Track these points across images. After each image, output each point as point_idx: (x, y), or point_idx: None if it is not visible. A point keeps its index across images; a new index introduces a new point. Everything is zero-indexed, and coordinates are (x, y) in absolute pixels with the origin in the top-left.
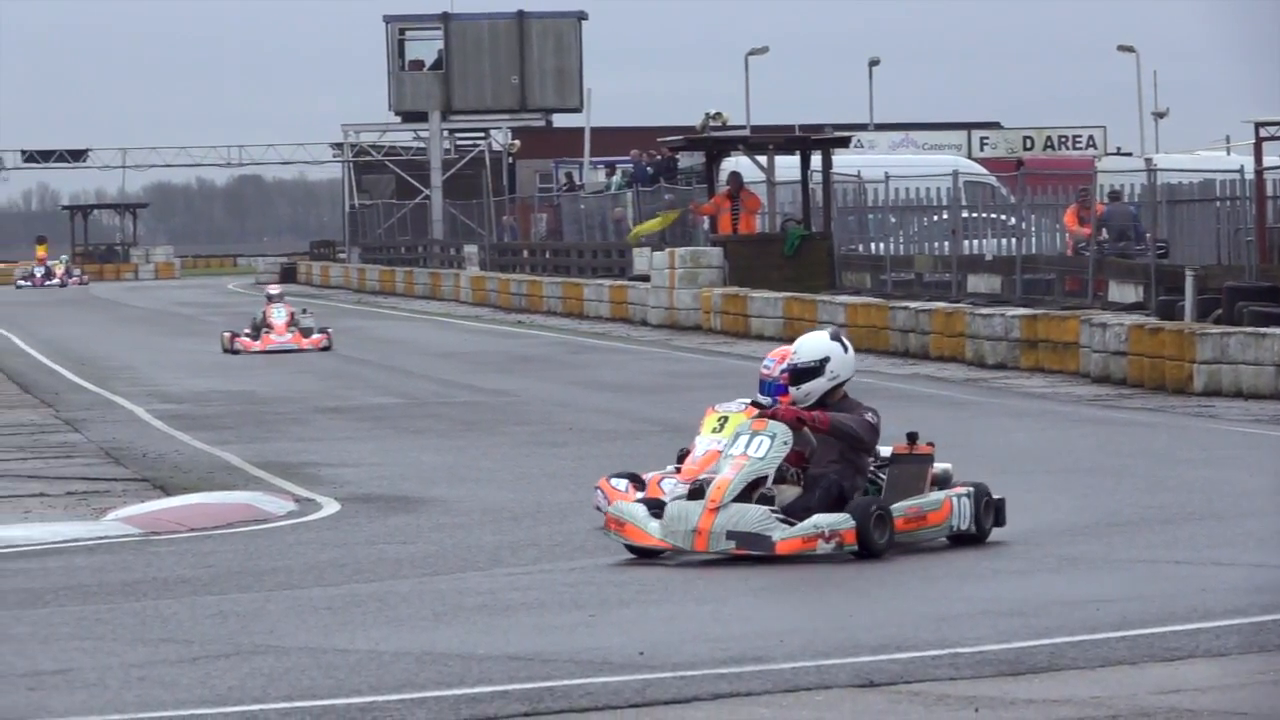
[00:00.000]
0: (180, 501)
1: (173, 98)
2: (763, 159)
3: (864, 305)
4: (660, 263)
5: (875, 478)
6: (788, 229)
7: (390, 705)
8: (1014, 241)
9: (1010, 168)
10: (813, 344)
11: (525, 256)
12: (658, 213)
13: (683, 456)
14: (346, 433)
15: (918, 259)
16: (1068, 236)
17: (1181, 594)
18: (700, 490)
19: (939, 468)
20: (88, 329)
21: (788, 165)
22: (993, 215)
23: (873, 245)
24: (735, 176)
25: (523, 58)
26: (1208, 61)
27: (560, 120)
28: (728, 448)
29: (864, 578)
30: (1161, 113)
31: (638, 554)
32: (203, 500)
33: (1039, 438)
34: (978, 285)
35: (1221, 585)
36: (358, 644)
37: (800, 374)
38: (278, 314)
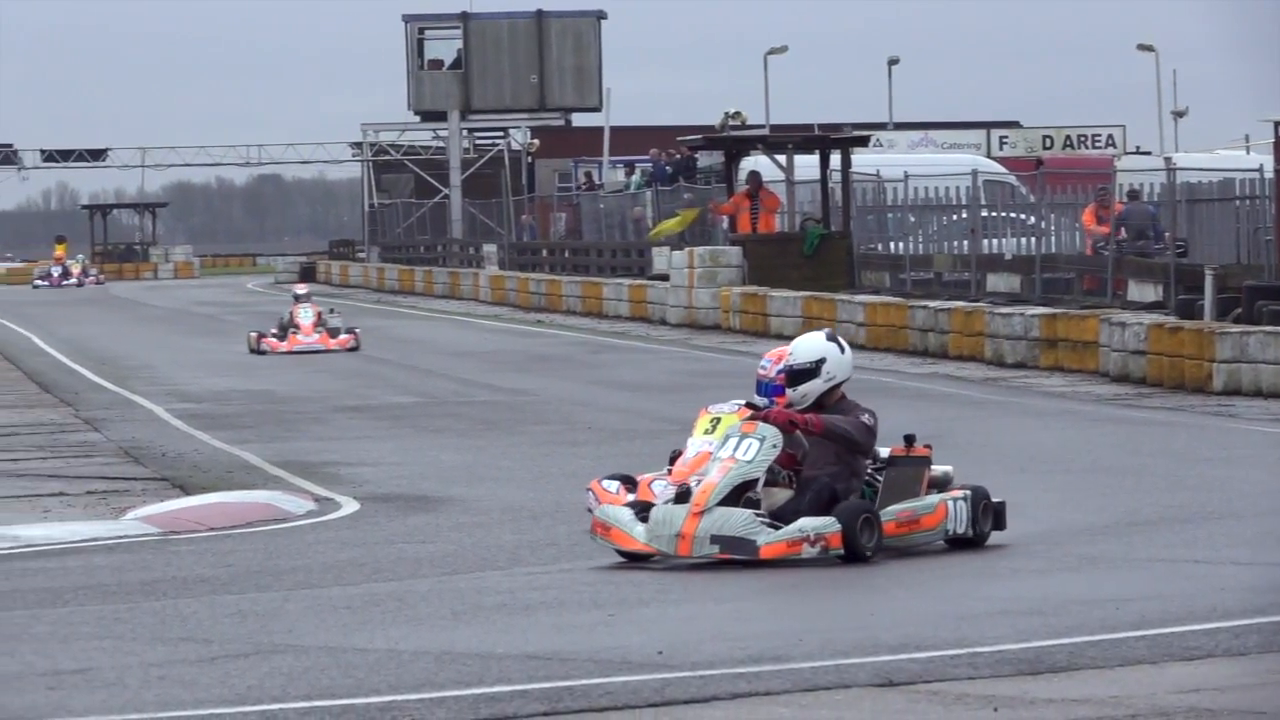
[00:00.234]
0: (199, 501)
1: (192, 97)
2: (782, 158)
3: (883, 304)
4: (679, 262)
5: (872, 480)
6: (807, 228)
7: (409, 704)
8: (1033, 241)
9: (1029, 167)
10: (808, 345)
11: (544, 256)
12: (676, 211)
13: (675, 458)
14: (365, 432)
15: (937, 258)
16: (1086, 236)
17: (1201, 593)
18: (687, 493)
19: (939, 470)
20: (107, 328)
21: (807, 164)
22: (1012, 214)
23: (892, 244)
24: (754, 176)
25: (542, 57)
26: (1225, 61)
27: (579, 119)
28: (717, 450)
29: (883, 577)
30: (1181, 112)
31: (627, 558)
32: (222, 499)
33: (1058, 437)
34: (997, 284)
35: (1241, 584)
36: (377, 643)
37: (796, 375)
38: (305, 314)
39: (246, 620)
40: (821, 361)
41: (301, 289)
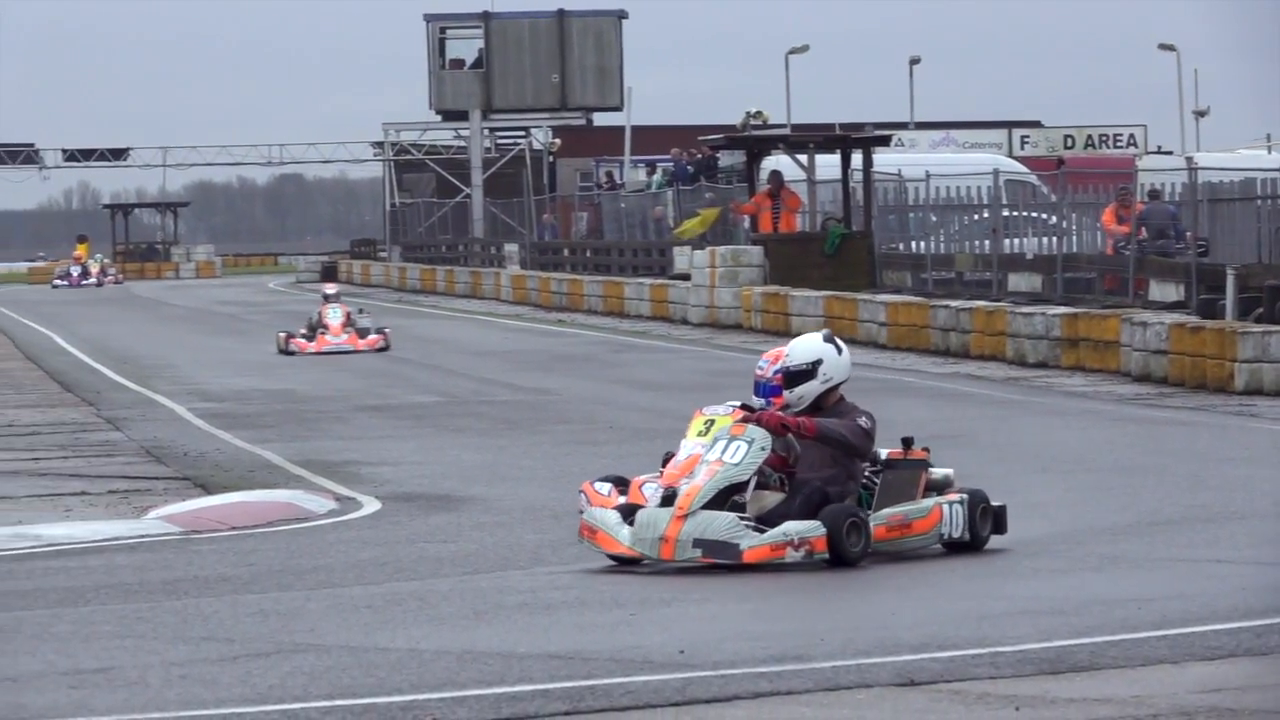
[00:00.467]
0: (221, 500)
1: (214, 97)
2: (803, 158)
3: (905, 304)
4: (701, 261)
5: (870, 483)
6: (828, 228)
7: (431, 704)
8: (1054, 240)
9: (1051, 166)
10: (805, 346)
11: (566, 255)
12: (697, 211)
13: (668, 459)
14: (387, 431)
15: (958, 257)
16: (1107, 236)
17: (1223, 593)
18: (673, 496)
19: (939, 473)
20: (129, 328)
21: (828, 164)
22: (1033, 214)
23: (913, 244)
24: (776, 175)
25: (563, 56)
26: (1245, 61)
27: (601, 119)
28: (706, 453)
29: (905, 576)
30: (1202, 111)
31: (617, 561)
32: (244, 499)
33: (1080, 437)
34: (1018, 284)
35: (1263, 584)
36: (398, 642)
37: (793, 377)
38: (333, 314)
39: (268, 619)
40: (818, 363)
41: (331, 289)
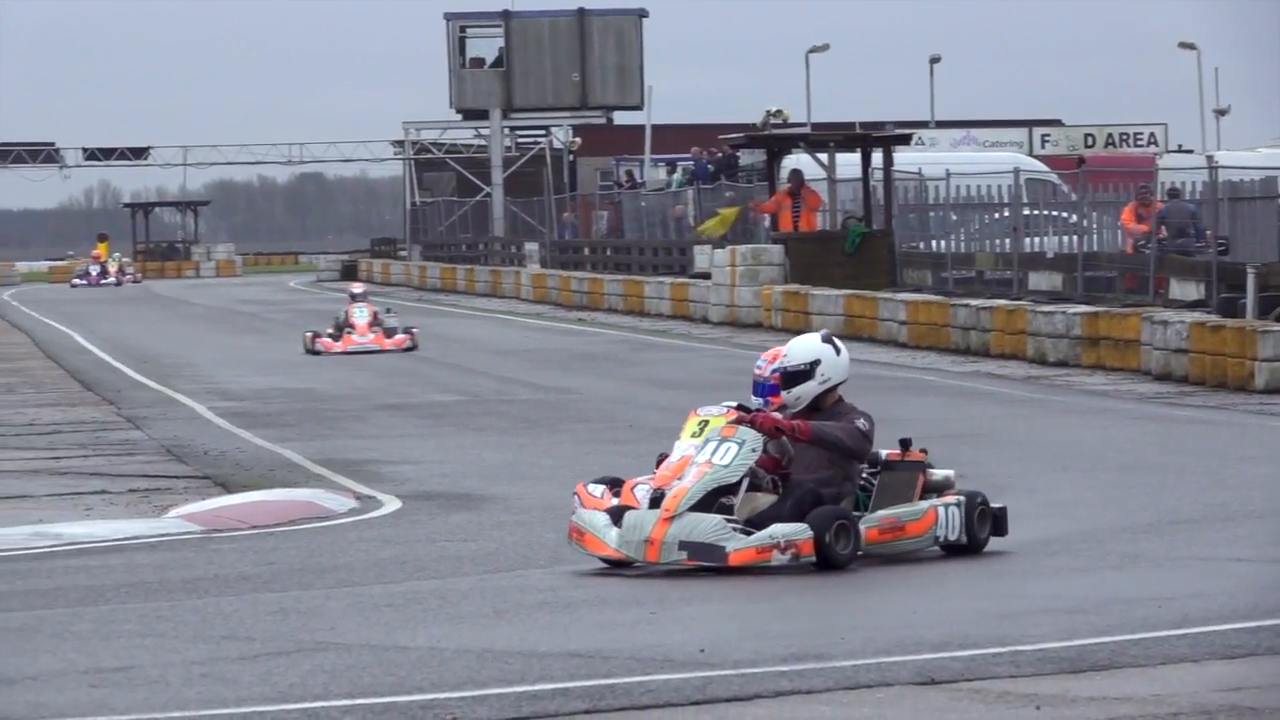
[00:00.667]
0: (241, 499)
1: (234, 96)
2: (824, 156)
3: (925, 303)
4: (721, 260)
5: (867, 484)
6: (849, 226)
7: (451, 702)
8: (1075, 239)
9: (1071, 165)
10: (803, 346)
11: (586, 254)
12: (716, 211)
13: (662, 460)
14: (407, 430)
15: (979, 256)
16: (1127, 235)
17: (1243, 591)
18: (661, 498)
19: (939, 474)
20: (149, 326)
21: (849, 163)
22: (1054, 213)
23: (934, 243)
24: (796, 174)
25: (583, 55)
26: (1266, 59)
27: (621, 118)
28: (696, 454)
29: (924, 576)
30: (1223, 110)
31: (608, 564)
32: (264, 498)
33: (1100, 435)
34: (1039, 283)
35: None
36: (419, 641)
37: (790, 377)
38: (360, 314)
39: (288, 618)
40: (816, 363)
41: (358, 288)
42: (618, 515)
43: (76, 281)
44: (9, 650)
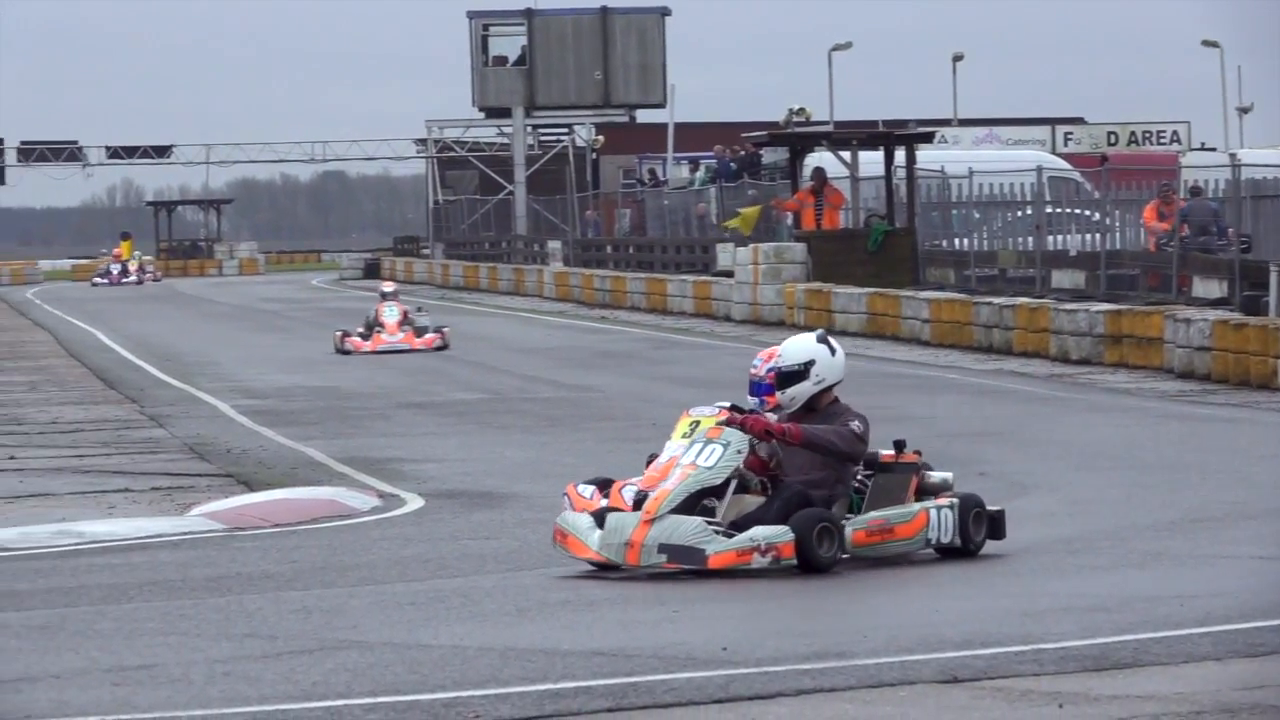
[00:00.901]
0: (264, 497)
1: (256, 94)
2: (846, 154)
3: (948, 301)
4: (744, 258)
5: (862, 486)
6: (871, 224)
7: (474, 700)
8: (1098, 237)
9: (1094, 163)
10: (797, 347)
11: (609, 252)
12: (737, 211)
13: (652, 461)
14: (430, 428)
15: (1001, 254)
16: (1149, 233)
17: (1266, 589)
18: (644, 500)
19: (937, 476)
20: (172, 325)
21: (871, 161)
22: (1077, 211)
23: (956, 241)
24: (819, 172)
25: (606, 53)
26: None
27: (644, 116)
28: (682, 455)
29: (948, 574)
30: (1246, 108)
31: (596, 566)
32: (286, 496)
33: (1123, 433)
34: (1062, 281)
35: None
36: (441, 639)
37: (785, 377)
38: (390, 313)
39: (311, 616)
40: (810, 364)
41: (388, 287)
42: (603, 517)
43: (97, 280)
44: (32, 648)
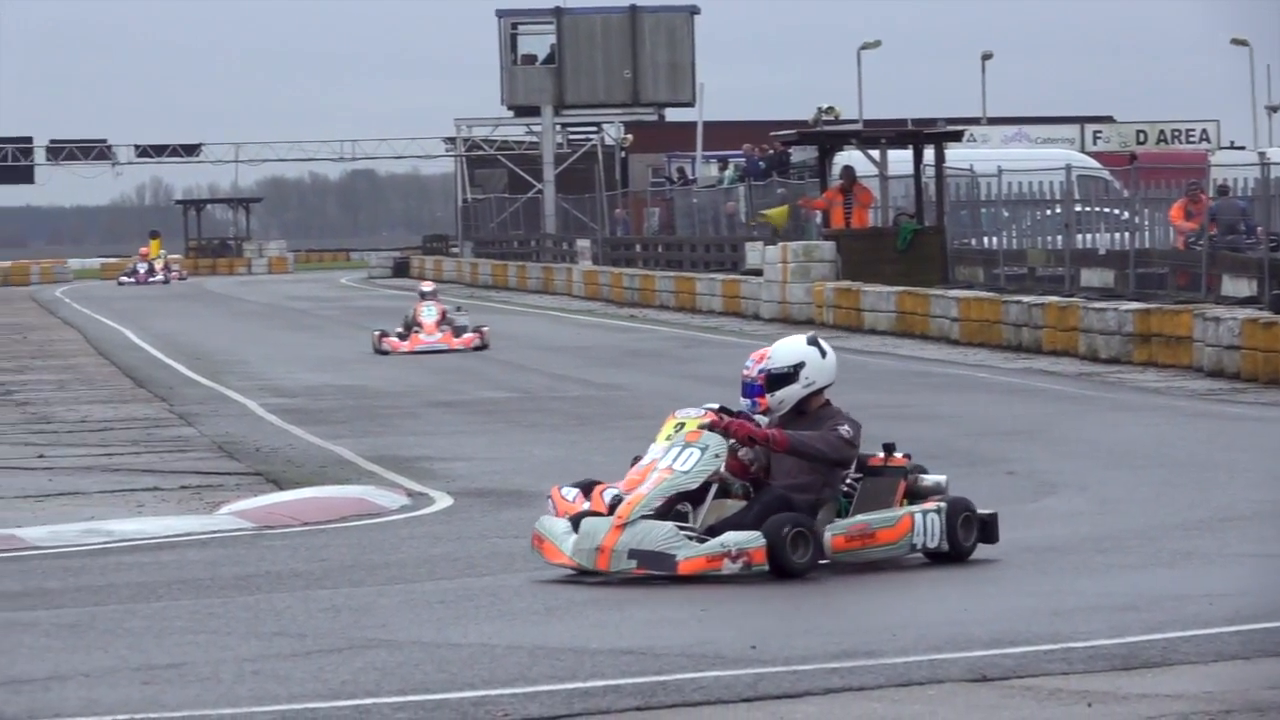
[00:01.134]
0: (293, 495)
1: (285, 92)
2: (875, 153)
3: (977, 299)
4: (773, 257)
5: (850, 490)
6: (900, 223)
7: (503, 699)
8: (1127, 235)
9: (1123, 161)
10: (787, 349)
11: (638, 251)
12: (764, 214)
13: (636, 462)
14: (459, 427)
15: (1031, 253)
16: (1177, 232)
17: None
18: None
19: (930, 479)
20: (201, 323)
21: (900, 159)
22: (1106, 209)
23: (985, 239)
24: (848, 170)
25: (635, 52)
26: None
27: (673, 114)
28: (660, 459)
29: (977, 573)
30: (1275, 106)
31: (577, 570)
32: (315, 494)
33: (1152, 432)
34: (1091, 279)
35: None
36: (470, 638)
37: (774, 380)
38: (428, 312)
39: (340, 615)
40: (800, 366)
41: (427, 286)
42: (580, 522)
43: (124, 279)
44: (62, 646)
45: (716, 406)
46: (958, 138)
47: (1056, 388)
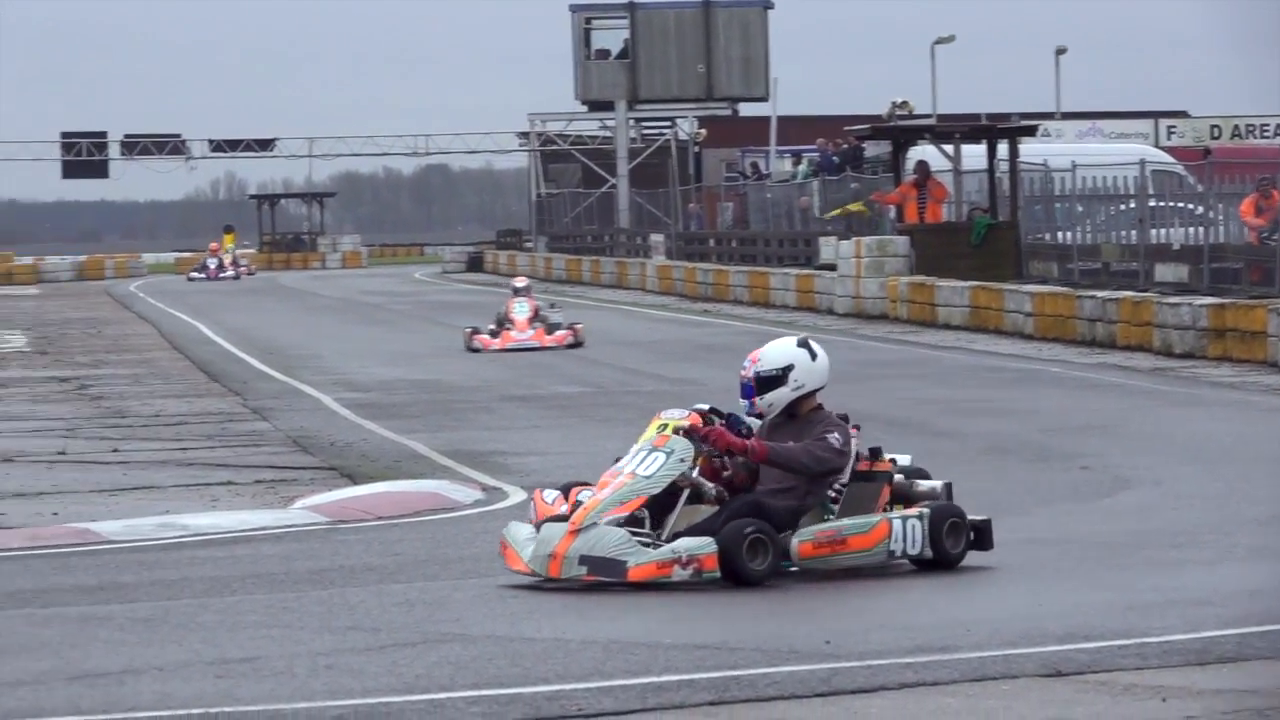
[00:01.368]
0: (367, 490)
1: (359, 87)
2: (949, 148)
3: (1050, 294)
4: (846, 252)
5: (839, 495)
6: (974, 218)
7: (577, 694)
8: (1201, 230)
9: (1198, 156)
10: (776, 351)
11: (711, 245)
12: (837, 211)
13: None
14: (532, 421)
15: (1104, 248)
16: (1249, 228)
17: None
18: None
19: (926, 485)
20: (274, 318)
21: (974, 154)
22: (1180, 204)
23: (1059, 234)
24: (922, 165)
25: (709, 47)
26: None
27: (746, 109)
28: (626, 463)
29: (1050, 568)
30: None
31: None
32: (390, 489)
33: (1226, 427)
34: (1165, 274)
35: None
36: (544, 632)
37: (763, 382)
38: (520, 309)
39: (414, 609)
40: (789, 369)
41: (520, 282)
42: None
43: (194, 275)
44: (136, 640)
45: (707, 408)
46: (1031, 132)
47: (1130, 383)
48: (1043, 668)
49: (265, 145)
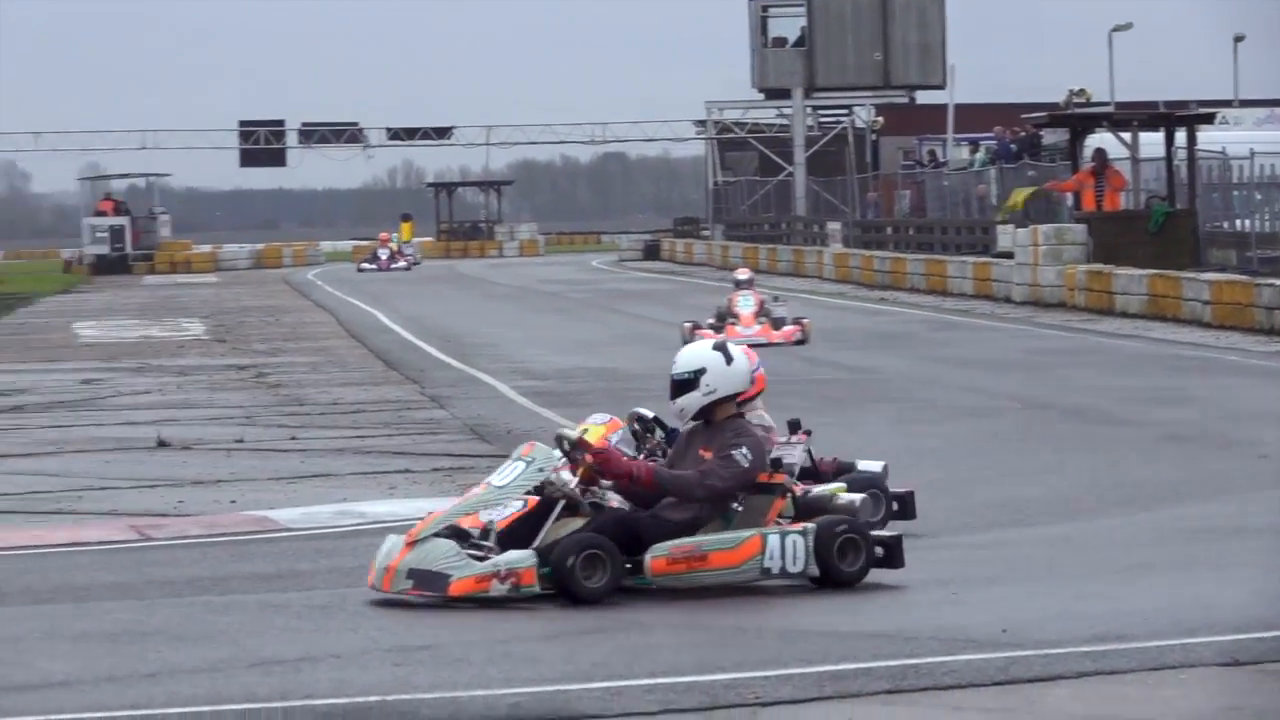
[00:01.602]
0: None
1: (536, 75)
2: (1127, 135)
3: (1229, 282)
4: (1024, 240)
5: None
6: (1152, 206)
7: (754, 682)
8: None
9: None
10: (689, 355)
11: (888, 234)
12: (1009, 201)
13: None
14: None
15: None
16: None
17: None
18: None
19: (845, 498)
20: (451, 306)
21: (1152, 142)
22: None
23: (1237, 222)
24: (1100, 153)
25: (885, 34)
26: None
27: (923, 97)
28: (493, 473)
29: (1230, 557)
30: None
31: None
32: None
33: None
34: None
35: None
36: (721, 621)
37: (676, 386)
38: (744, 303)
39: None
40: (700, 372)
41: (743, 274)
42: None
43: (365, 266)
44: (313, 628)
45: (652, 415)
46: (1209, 120)
47: None
48: (1220, 656)
49: (443, 133)
